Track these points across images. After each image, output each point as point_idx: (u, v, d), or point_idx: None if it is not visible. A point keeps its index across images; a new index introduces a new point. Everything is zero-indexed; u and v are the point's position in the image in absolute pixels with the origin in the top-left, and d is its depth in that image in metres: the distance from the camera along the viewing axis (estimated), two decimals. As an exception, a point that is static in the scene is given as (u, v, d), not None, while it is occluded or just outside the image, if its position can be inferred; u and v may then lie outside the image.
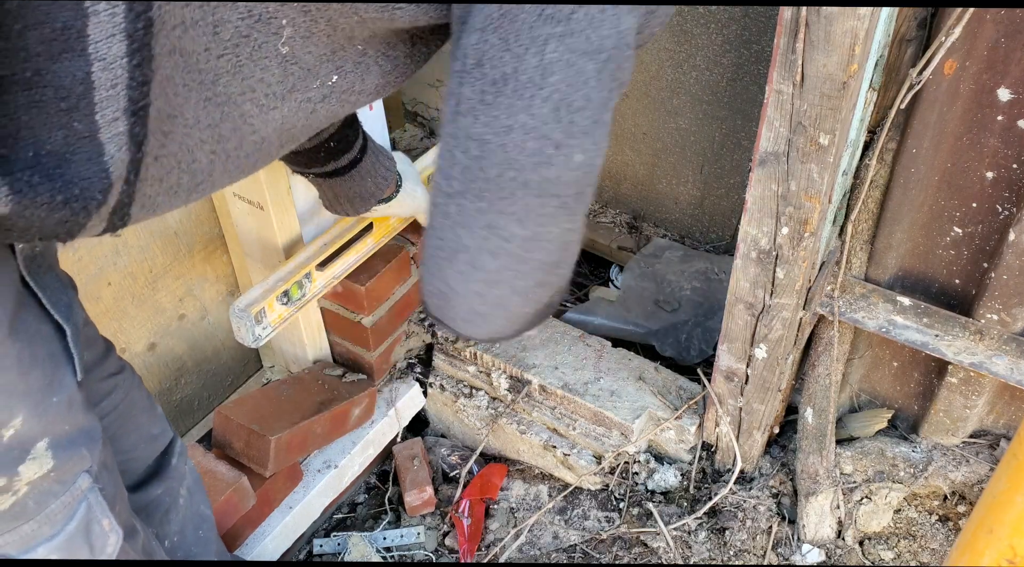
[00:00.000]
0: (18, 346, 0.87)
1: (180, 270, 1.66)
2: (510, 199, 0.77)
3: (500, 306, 0.86)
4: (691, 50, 2.05)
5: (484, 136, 0.74)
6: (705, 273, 2.17)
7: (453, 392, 1.91)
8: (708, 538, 1.72)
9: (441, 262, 0.83)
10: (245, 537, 1.64)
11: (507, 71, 0.71)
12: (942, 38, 1.21)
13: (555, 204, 0.78)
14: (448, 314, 0.87)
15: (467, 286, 0.83)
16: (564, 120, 0.73)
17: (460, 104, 0.74)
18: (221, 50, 0.72)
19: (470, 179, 0.76)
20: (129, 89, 0.68)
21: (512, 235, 0.79)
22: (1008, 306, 1.41)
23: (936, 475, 1.67)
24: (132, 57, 0.66)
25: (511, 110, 0.72)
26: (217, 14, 0.70)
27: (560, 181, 0.77)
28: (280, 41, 0.73)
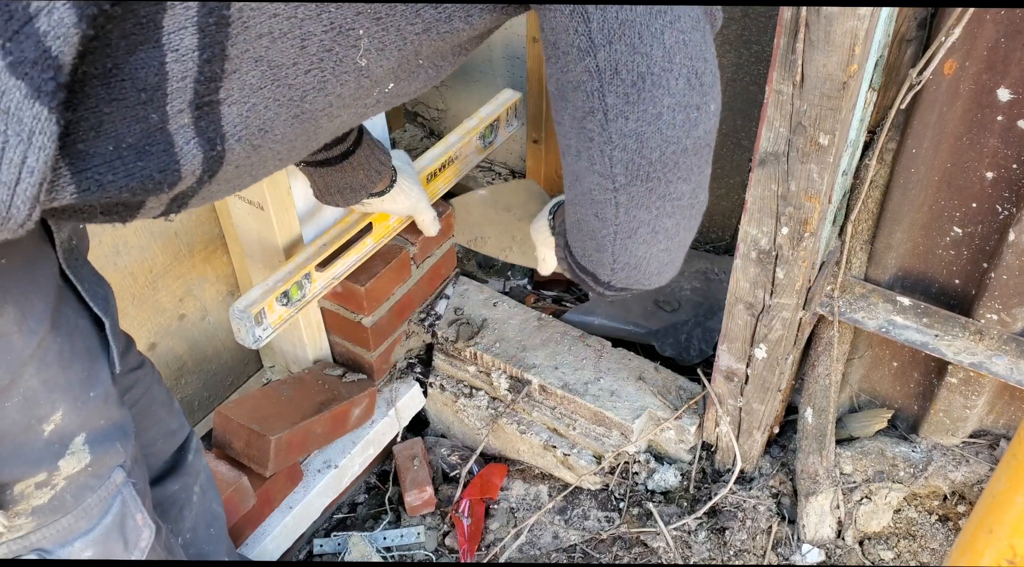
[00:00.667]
0: (59, 340, 0.88)
1: (180, 270, 1.66)
2: (675, 168, 0.86)
3: (681, 247, 0.98)
4: (691, 50, 2.05)
5: (639, 129, 0.82)
6: (705, 273, 2.17)
7: (453, 392, 1.91)
8: (708, 538, 1.72)
9: (623, 240, 0.92)
10: (245, 537, 1.64)
11: (642, 70, 0.79)
12: (942, 38, 1.21)
13: (707, 152, 0.89)
14: (640, 278, 0.98)
15: (653, 248, 0.94)
16: (696, 85, 0.82)
17: (608, 113, 0.81)
18: (308, 65, 0.75)
19: (635, 169, 0.85)
20: (196, 82, 0.70)
21: (681, 193, 0.89)
22: (1008, 306, 1.41)
23: (936, 475, 1.67)
24: (203, 51, 0.68)
25: (655, 99, 0.80)
26: (304, 27, 0.72)
27: (707, 132, 0.86)
28: (358, 54, 0.76)
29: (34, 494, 0.91)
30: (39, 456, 0.90)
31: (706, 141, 0.88)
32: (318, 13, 0.71)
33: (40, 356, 0.86)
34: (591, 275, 1.02)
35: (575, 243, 1.00)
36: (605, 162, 0.85)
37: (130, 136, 0.70)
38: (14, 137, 0.61)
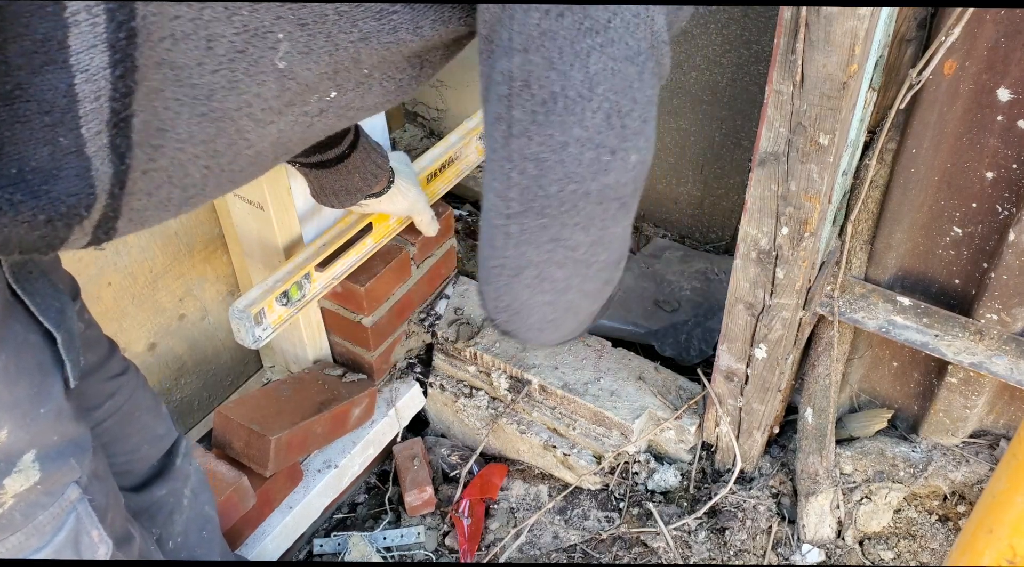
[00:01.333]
0: (3, 356, 0.86)
1: (180, 270, 1.66)
2: (573, 211, 0.78)
3: (570, 310, 0.88)
4: (691, 50, 2.05)
5: (540, 155, 0.74)
6: (705, 273, 2.17)
7: (453, 392, 1.91)
8: (708, 538, 1.72)
9: (508, 280, 0.83)
10: (245, 537, 1.64)
11: (555, 89, 0.71)
12: (942, 38, 1.21)
13: (616, 206, 0.80)
14: (519, 327, 0.89)
15: (537, 298, 0.84)
16: (616, 126, 0.74)
17: (512, 127, 0.74)
18: (216, 65, 0.71)
19: (530, 198, 0.77)
20: (112, 101, 0.67)
21: (578, 243, 0.81)
22: (1008, 306, 1.41)
23: (936, 475, 1.67)
24: (115, 68, 0.65)
25: (564, 126, 0.72)
26: (210, 28, 0.68)
27: (619, 184, 0.78)
28: (277, 56, 0.72)
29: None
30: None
31: (616, 194, 0.78)
32: (228, 16, 0.68)
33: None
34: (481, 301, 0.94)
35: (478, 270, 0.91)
36: (503, 181, 0.78)
37: (35, 159, 0.67)
38: None
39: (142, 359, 1.66)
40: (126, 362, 1.26)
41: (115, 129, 0.68)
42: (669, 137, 2.23)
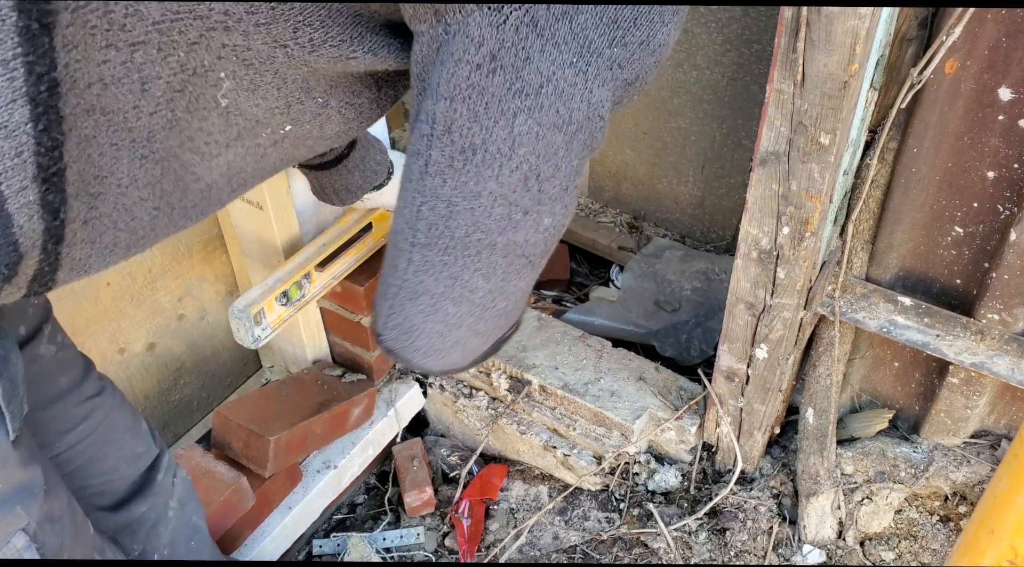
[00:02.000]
0: None
1: (179, 270, 1.66)
2: (476, 257, 0.78)
3: (458, 344, 0.87)
4: (691, 50, 2.05)
5: (452, 198, 0.74)
6: (705, 273, 2.17)
7: (453, 392, 1.91)
8: (709, 539, 1.71)
9: (404, 301, 0.83)
10: (244, 538, 1.64)
11: (476, 142, 0.70)
12: (943, 38, 1.21)
13: (522, 262, 0.80)
14: (407, 347, 0.87)
15: (428, 325, 0.84)
16: (533, 189, 0.73)
17: (429, 166, 0.73)
18: (153, 107, 0.68)
19: (436, 235, 0.76)
20: (37, 155, 0.63)
21: (476, 287, 0.80)
22: (1009, 306, 1.40)
23: (937, 475, 1.66)
24: (37, 122, 0.62)
25: (480, 178, 0.72)
26: (144, 71, 0.65)
27: (527, 243, 0.78)
28: (219, 93, 0.69)
29: None
30: None
31: (523, 251, 0.78)
32: (163, 58, 0.65)
33: None
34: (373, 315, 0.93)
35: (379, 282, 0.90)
36: (412, 211, 0.77)
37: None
38: None
39: (141, 359, 1.66)
40: (102, 382, 1.22)
41: (45, 184, 0.65)
42: (669, 137, 2.23)
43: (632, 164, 2.36)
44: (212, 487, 1.54)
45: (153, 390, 1.72)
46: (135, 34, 0.63)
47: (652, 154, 2.30)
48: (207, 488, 1.54)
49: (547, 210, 0.76)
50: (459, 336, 0.86)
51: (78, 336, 1.51)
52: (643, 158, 2.32)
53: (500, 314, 0.86)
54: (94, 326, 1.54)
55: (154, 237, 0.80)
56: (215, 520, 1.53)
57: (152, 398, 1.72)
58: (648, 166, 2.33)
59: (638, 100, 2.21)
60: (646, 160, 2.32)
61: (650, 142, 2.28)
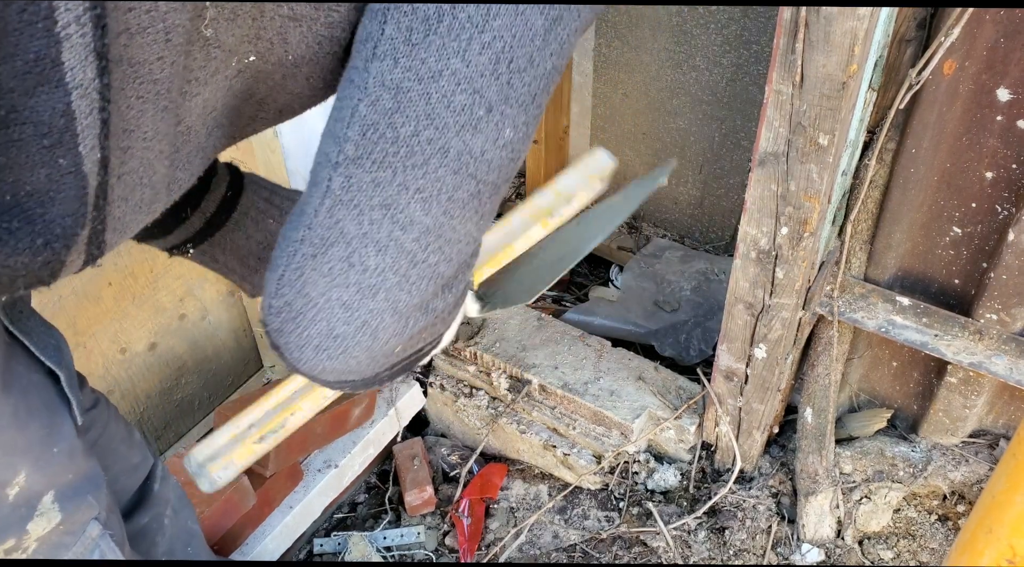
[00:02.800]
0: (12, 400, 0.83)
1: (180, 270, 1.66)
2: (422, 168, 0.63)
3: (366, 328, 0.68)
4: (691, 50, 2.05)
5: (403, 83, 0.62)
6: (705, 273, 2.17)
7: (453, 392, 1.91)
8: (708, 538, 1.72)
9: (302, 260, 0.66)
10: (245, 537, 1.65)
11: (444, 10, 0.60)
12: (941, 38, 1.21)
13: (471, 189, 0.66)
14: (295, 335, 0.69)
15: (332, 292, 0.66)
16: (503, 77, 0.62)
17: (378, 47, 0.62)
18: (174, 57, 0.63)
19: (373, 140, 0.63)
20: (101, 111, 0.60)
21: (411, 221, 0.65)
22: (1007, 306, 1.41)
23: (935, 475, 1.67)
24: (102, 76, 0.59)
25: (442, 52, 0.61)
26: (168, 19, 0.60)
27: (483, 158, 0.65)
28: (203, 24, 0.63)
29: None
30: (5, 522, 0.86)
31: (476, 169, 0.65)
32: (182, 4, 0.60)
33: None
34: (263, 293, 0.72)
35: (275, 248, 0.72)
36: (346, 116, 0.64)
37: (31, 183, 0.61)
38: None
39: (143, 359, 1.66)
40: (96, 395, 1.22)
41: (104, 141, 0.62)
42: (669, 137, 2.24)
43: (632, 164, 2.36)
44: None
45: (155, 390, 1.72)
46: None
47: (651, 155, 2.30)
48: (208, 487, 1.54)
49: (511, 115, 0.64)
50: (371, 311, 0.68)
51: (80, 336, 1.51)
52: (642, 159, 2.33)
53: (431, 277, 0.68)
54: (96, 326, 1.54)
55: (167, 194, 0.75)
56: (216, 519, 1.53)
57: (154, 397, 1.73)
58: (648, 167, 2.33)
59: (638, 101, 2.22)
60: (645, 161, 2.32)
61: (649, 143, 2.28)
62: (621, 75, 2.21)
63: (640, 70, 2.17)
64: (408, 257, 0.66)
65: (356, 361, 0.70)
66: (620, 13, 2.11)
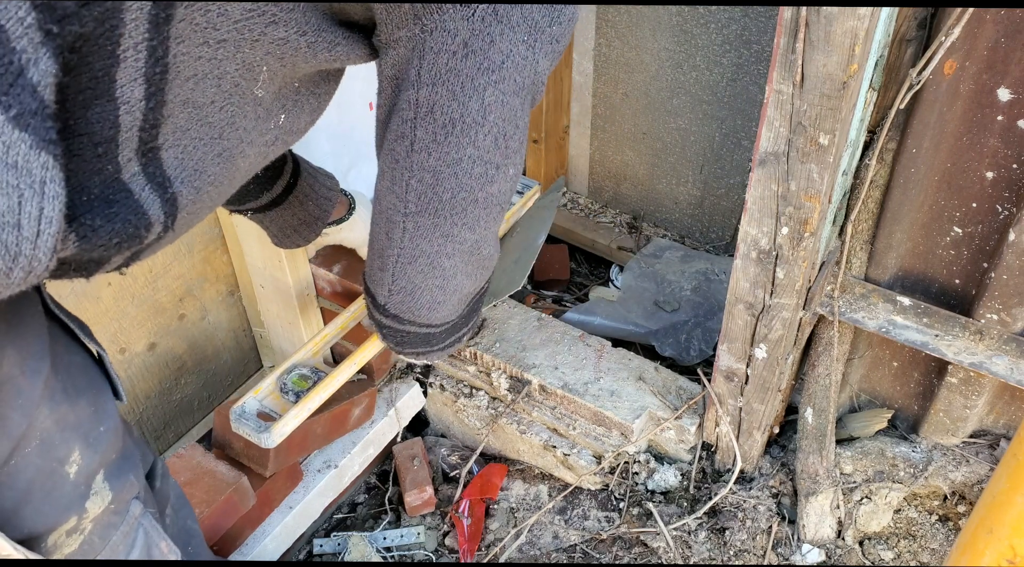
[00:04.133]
0: (61, 377, 0.87)
1: (180, 270, 1.66)
2: (462, 214, 0.94)
3: (456, 292, 1.06)
4: (691, 50, 2.05)
5: (438, 168, 0.89)
6: (705, 273, 2.17)
7: (453, 392, 1.91)
8: (708, 538, 1.72)
9: (403, 265, 1.00)
10: (245, 537, 1.64)
11: (455, 116, 0.85)
12: (942, 38, 1.21)
13: (497, 210, 0.97)
14: (413, 306, 1.06)
15: (428, 280, 1.02)
16: (502, 146, 0.90)
17: (415, 144, 0.88)
18: (223, 102, 0.76)
19: (426, 202, 0.93)
20: (141, 131, 0.71)
21: (464, 239, 0.98)
22: (1008, 306, 1.41)
23: (936, 475, 1.67)
24: (149, 100, 0.70)
25: (460, 146, 0.87)
26: (222, 67, 0.74)
27: (500, 192, 0.95)
28: (256, 86, 0.79)
29: (65, 542, 0.89)
30: (68, 501, 0.89)
31: (498, 200, 0.95)
32: (234, 54, 0.74)
33: (49, 396, 0.85)
34: (371, 296, 1.09)
35: (368, 261, 1.07)
36: (402, 186, 0.92)
37: (94, 188, 0.71)
38: (28, 190, 0.61)
39: (142, 359, 1.66)
40: None
41: (144, 158, 0.73)
42: (669, 137, 2.23)
43: (632, 164, 2.36)
44: (213, 486, 1.54)
45: (154, 390, 1.72)
46: (220, 32, 0.71)
47: (652, 155, 2.30)
48: (208, 488, 1.54)
49: (511, 162, 0.93)
50: (457, 285, 1.04)
51: (79, 336, 1.51)
52: (643, 158, 2.32)
53: (486, 257, 1.04)
54: (95, 325, 1.54)
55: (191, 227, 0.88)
56: (216, 519, 1.53)
57: (153, 398, 1.73)
58: (648, 166, 2.33)
59: (638, 101, 2.22)
60: (646, 160, 2.32)
61: (650, 143, 2.28)
62: (621, 75, 2.21)
63: (640, 70, 2.17)
64: (467, 255, 1.01)
65: (452, 307, 1.09)
66: (620, 13, 2.11)
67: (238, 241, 1.66)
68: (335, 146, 1.65)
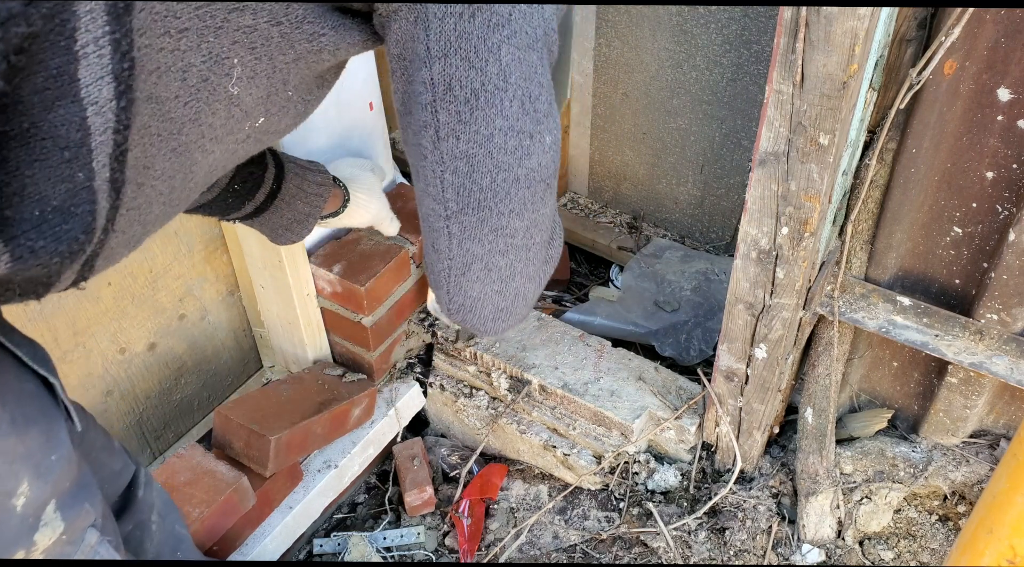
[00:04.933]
0: (9, 409, 0.84)
1: (180, 270, 1.66)
2: (506, 198, 0.85)
3: (518, 296, 0.97)
4: (691, 50, 2.05)
5: (470, 151, 0.82)
6: (705, 273, 2.17)
7: (453, 392, 1.91)
8: (708, 538, 1.72)
9: (457, 277, 0.92)
10: (245, 537, 1.64)
11: (476, 86, 0.79)
12: (942, 38, 1.21)
13: (542, 188, 0.88)
14: (475, 319, 0.97)
15: (486, 288, 0.93)
16: (530, 110, 0.82)
17: (439, 130, 0.81)
18: (188, 96, 0.72)
19: (466, 195, 0.85)
20: (115, 133, 0.67)
21: (515, 229, 0.89)
22: (1008, 306, 1.41)
23: (936, 475, 1.67)
24: (120, 99, 0.66)
25: (488, 119, 0.81)
26: (185, 59, 0.69)
27: (541, 165, 0.86)
28: (231, 82, 0.74)
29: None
30: (14, 535, 0.86)
31: (541, 176, 0.87)
32: (198, 44, 0.70)
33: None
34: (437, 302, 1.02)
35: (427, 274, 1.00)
36: (437, 185, 0.85)
37: (55, 198, 0.67)
38: None
39: (142, 359, 1.66)
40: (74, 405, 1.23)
41: (115, 162, 0.69)
42: (669, 137, 2.23)
43: (632, 164, 2.36)
44: (213, 487, 1.54)
45: (154, 390, 1.72)
46: (181, 20, 0.67)
47: (652, 155, 2.30)
48: (208, 488, 1.54)
49: (545, 128, 0.85)
50: (517, 288, 0.96)
51: (79, 336, 1.51)
52: (643, 158, 2.32)
53: (541, 247, 0.95)
54: (95, 326, 1.54)
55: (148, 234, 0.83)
56: (216, 519, 1.53)
57: (153, 398, 1.73)
58: (648, 166, 2.33)
59: (638, 101, 2.22)
60: (646, 160, 2.32)
61: (650, 143, 2.28)
62: (621, 75, 2.21)
63: (640, 70, 2.17)
64: (522, 248, 0.92)
65: (518, 315, 1.00)
66: (620, 13, 2.11)
67: (238, 241, 1.66)
68: (335, 146, 1.65)
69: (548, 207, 0.92)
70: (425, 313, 1.91)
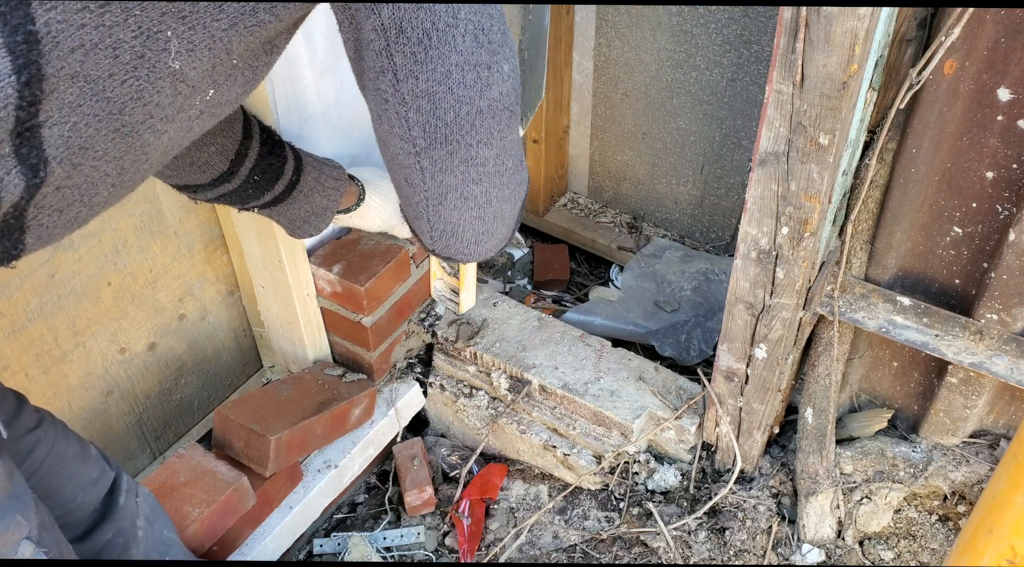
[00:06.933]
0: None
1: (180, 270, 1.66)
2: (472, 131, 0.87)
3: (497, 217, 1.00)
4: (691, 50, 2.05)
5: (430, 90, 0.83)
6: (705, 273, 2.17)
7: (453, 392, 1.91)
8: (708, 538, 1.72)
9: (435, 207, 0.94)
10: (245, 537, 1.64)
11: (427, 26, 0.80)
12: (942, 38, 1.21)
13: (507, 115, 0.90)
14: (457, 245, 1.00)
15: (464, 215, 0.96)
16: (484, 42, 0.84)
17: (398, 73, 0.83)
18: (124, 75, 0.71)
19: (432, 131, 0.86)
20: (18, 109, 0.66)
21: (485, 158, 0.91)
22: (1008, 306, 1.41)
23: (936, 475, 1.67)
24: (20, 74, 0.64)
25: (443, 56, 0.82)
26: (113, 35, 0.68)
27: (502, 94, 0.88)
28: (170, 58, 0.73)
29: None
30: None
31: (503, 104, 0.88)
32: (124, 18, 0.68)
33: None
34: (420, 240, 1.04)
35: (402, 208, 1.02)
36: (403, 125, 0.86)
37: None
38: None
39: (142, 359, 1.66)
40: (39, 413, 1.20)
41: (19, 138, 0.68)
42: (669, 137, 2.23)
43: (632, 164, 2.36)
44: (213, 487, 1.54)
45: (154, 390, 1.72)
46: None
47: (652, 155, 2.30)
48: (208, 488, 1.54)
49: (501, 57, 0.86)
50: (496, 211, 0.98)
51: (79, 336, 1.51)
52: (643, 159, 2.32)
53: (512, 171, 0.97)
54: (95, 326, 1.54)
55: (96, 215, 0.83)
56: (216, 519, 1.53)
57: (153, 398, 1.73)
58: (648, 166, 2.33)
59: (638, 101, 2.22)
60: (646, 160, 2.32)
61: (650, 143, 2.28)
62: (621, 75, 2.21)
63: (640, 70, 2.17)
64: (495, 175, 0.94)
65: (500, 236, 1.03)
66: (620, 13, 2.11)
67: (238, 241, 1.66)
68: (335, 146, 1.64)
69: (513, 133, 0.94)
70: (425, 313, 1.91)
